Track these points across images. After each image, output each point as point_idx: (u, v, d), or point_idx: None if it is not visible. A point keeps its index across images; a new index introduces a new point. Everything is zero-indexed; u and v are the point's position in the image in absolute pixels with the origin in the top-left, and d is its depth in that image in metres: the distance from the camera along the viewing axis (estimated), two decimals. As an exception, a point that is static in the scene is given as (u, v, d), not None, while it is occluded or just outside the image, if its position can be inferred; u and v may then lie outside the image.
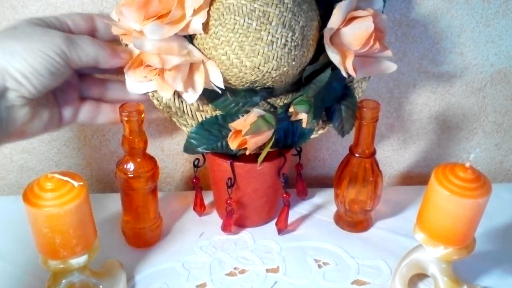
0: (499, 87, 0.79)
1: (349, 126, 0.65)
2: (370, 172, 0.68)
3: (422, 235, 0.57)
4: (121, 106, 0.59)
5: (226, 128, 0.62)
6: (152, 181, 0.64)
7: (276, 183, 0.68)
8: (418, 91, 0.78)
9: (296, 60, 0.56)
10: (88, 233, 0.54)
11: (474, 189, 0.52)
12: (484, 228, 0.60)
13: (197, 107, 0.63)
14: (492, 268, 0.66)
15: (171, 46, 0.54)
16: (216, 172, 0.69)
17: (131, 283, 0.62)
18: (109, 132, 0.78)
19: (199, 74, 0.57)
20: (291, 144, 0.66)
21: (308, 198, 0.79)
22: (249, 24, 0.53)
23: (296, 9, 0.54)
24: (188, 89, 0.57)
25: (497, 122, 0.83)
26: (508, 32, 0.74)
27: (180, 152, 0.81)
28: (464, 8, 0.71)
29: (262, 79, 0.56)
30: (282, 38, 0.54)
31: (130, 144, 0.61)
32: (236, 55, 0.54)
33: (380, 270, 0.66)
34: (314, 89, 0.59)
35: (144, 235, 0.67)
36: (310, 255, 0.68)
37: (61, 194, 0.50)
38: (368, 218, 0.73)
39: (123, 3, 0.53)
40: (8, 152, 0.79)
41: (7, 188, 0.83)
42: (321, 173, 0.86)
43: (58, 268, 0.54)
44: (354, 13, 0.56)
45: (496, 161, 0.88)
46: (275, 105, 0.63)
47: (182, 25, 0.53)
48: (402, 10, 0.71)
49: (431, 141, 0.84)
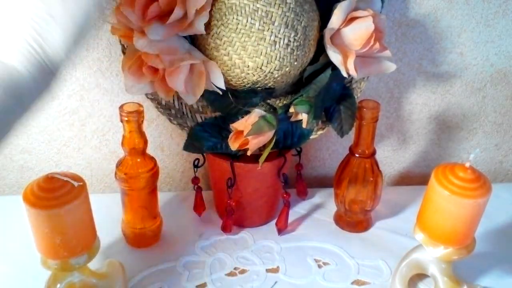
0: (499, 87, 0.79)
1: (348, 126, 0.65)
2: (370, 172, 0.68)
3: (422, 235, 0.57)
4: (121, 106, 0.59)
5: (226, 129, 0.62)
6: (152, 181, 0.64)
7: (276, 183, 0.68)
8: (418, 91, 0.78)
9: (298, 60, 0.56)
10: (88, 233, 0.54)
11: (474, 189, 0.52)
12: (484, 228, 0.61)
13: (196, 108, 0.63)
14: (492, 268, 0.66)
15: (172, 47, 0.54)
16: (216, 172, 0.69)
17: (131, 283, 0.62)
18: (109, 132, 0.78)
19: (200, 75, 0.57)
20: (290, 145, 0.66)
21: (308, 198, 0.79)
22: (251, 24, 0.53)
23: (298, 9, 0.54)
24: (188, 90, 0.57)
25: (497, 122, 0.83)
26: (508, 32, 0.74)
27: (180, 152, 0.81)
28: (464, 8, 0.71)
29: (264, 80, 0.56)
30: (284, 38, 0.54)
31: (130, 144, 0.61)
32: (238, 55, 0.54)
33: (380, 270, 0.66)
34: (314, 89, 0.60)
35: (144, 235, 0.67)
36: (310, 255, 0.68)
37: (61, 194, 0.50)
38: (368, 218, 0.73)
39: (123, 4, 0.53)
40: (8, 152, 0.79)
41: (7, 188, 0.83)
42: (321, 173, 0.86)
43: (58, 268, 0.54)
44: (354, 14, 0.56)
45: (496, 161, 0.88)
46: (275, 106, 0.63)
47: (183, 26, 0.53)
48: (402, 10, 0.71)
49: (431, 141, 0.84)
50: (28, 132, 0.77)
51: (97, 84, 0.73)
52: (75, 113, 0.75)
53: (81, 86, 0.73)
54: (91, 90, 0.74)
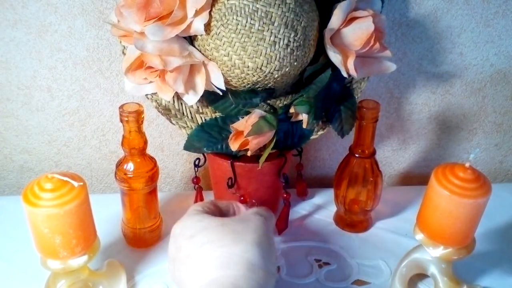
0: (499, 87, 0.79)
1: (348, 126, 0.65)
2: (370, 172, 0.68)
3: (422, 235, 0.57)
4: (121, 106, 0.59)
5: (226, 130, 0.62)
6: (152, 181, 0.64)
7: (276, 183, 0.68)
8: (418, 91, 0.78)
9: (298, 61, 0.56)
10: (88, 233, 0.54)
11: (474, 189, 0.52)
12: (484, 228, 0.61)
13: (196, 109, 0.63)
14: (492, 268, 0.66)
15: (172, 48, 0.54)
16: (217, 172, 0.69)
17: (131, 283, 0.62)
18: (109, 132, 0.78)
19: (200, 75, 0.57)
20: (291, 145, 0.65)
21: (308, 198, 0.79)
22: (251, 25, 0.53)
23: (298, 9, 0.54)
24: (188, 91, 0.57)
25: (497, 122, 0.83)
26: (508, 32, 0.74)
27: (180, 152, 0.81)
28: (464, 8, 0.71)
29: (264, 80, 0.56)
30: (284, 38, 0.53)
31: (130, 144, 0.61)
32: (238, 56, 0.54)
33: (380, 270, 0.66)
34: (314, 89, 0.59)
35: (144, 235, 0.67)
36: (310, 255, 0.68)
37: (61, 194, 0.50)
38: (368, 218, 0.73)
39: (122, 4, 0.53)
40: (8, 153, 0.79)
41: (7, 188, 0.83)
42: (321, 173, 0.86)
43: (58, 268, 0.54)
44: (354, 14, 0.56)
45: (496, 161, 0.88)
46: (275, 106, 0.63)
47: (183, 26, 0.53)
48: (402, 10, 0.71)
49: (431, 141, 0.84)
50: (28, 132, 0.77)
51: (97, 84, 0.73)
52: (75, 113, 0.75)
53: (81, 86, 0.73)
54: (91, 90, 0.74)
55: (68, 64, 0.71)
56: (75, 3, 0.67)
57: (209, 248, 0.42)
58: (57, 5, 0.67)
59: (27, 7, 0.66)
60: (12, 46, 0.69)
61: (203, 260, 0.42)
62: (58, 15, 0.67)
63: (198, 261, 0.42)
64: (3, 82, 0.72)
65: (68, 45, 0.70)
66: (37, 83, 0.72)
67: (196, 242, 0.43)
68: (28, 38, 0.69)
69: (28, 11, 0.67)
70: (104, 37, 0.69)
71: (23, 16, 0.67)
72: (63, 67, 0.71)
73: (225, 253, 0.41)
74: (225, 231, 0.43)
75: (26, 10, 0.67)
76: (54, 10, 0.67)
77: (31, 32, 0.68)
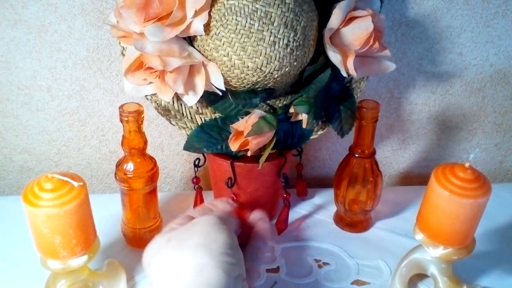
0: (498, 87, 0.79)
1: (348, 126, 0.65)
2: (370, 172, 0.68)
3: (422, 235, 0.57)
4: (121, 106, 0.59)
5: (226, 130, 0.62)
6: (152, 181, 0.64)
7: (276, 183, 0.68)
8: (418, 91, 0.78)
9: (298, 61, 0.56)
10: (88, 233, 0.54)
11: (474, 189, 0.52)
12: (484, 228, 0.61)
13: (196, 109, 0.63)
14: (492, 268, 0.66)
15: (172, 48, 0.54)
16: (217, 172, 0.69)
17: (131, 283, 0.62)
18: (109, 132, 0.78)
19: (199, 76, 0.57)
20: (291, 145, 0.65)
21: (308, 198, 0.79)
22: (251, 25, 0.53)
23: (298, 9, 0.54)
24: (188, 92, 0.57)
25: (497, 122, 0.83)
26: (507, 32, 0.74)
27: (180, 152, 0.81)
28: (464, 8, 0.71)
29: (263, 80, 0.56)
30: (284, 38, 0.53)
31: (130, 144, 0.61)
32: (238, 56, 0.54)
33: (380, 270, 0.66)
34: (314, 89, 0.59)
35: (144, 235, 0.67)
36: (310, 255, 0.68)
37: (61, 194, 0.50)
38: (368, 218, 0.73)
39: (122, 5, 0.53)
40: (8, 153, 0.79)
41: (7, 188, 0.83)
42: (321, 173, 0.86)
43: (58, 268, 0.54)
44: (354, 13, 0.56)
45: (496, 161, 0.88)
46: (275, 106, 0.63)
47: (183, 27, 0.53)
48: (401, 10, 0.71)
49: (431, 141, 0.84)
50: (28, 132, 0.77)
51: (97, 84, 0.73)
52: (75, 113, 0.76)
53: (81, 86, 0.73)
54: (91, 90, 0.74)
55: (68, 64, 0.71)
56: (75, 3, 0.67)
57: (159, 269, 0.44)
58: (57, 5, 0.67)
59: (27, 7, 0.66)
60: (12, 46, 0.69)
61: (156, 283, 0.43)
62: (58, 15, 0.67)
63: (154, 286, 0.44)
64: (3, 82, 0.72)
65: (68, 45, 0.70)
66: (37, 83, 0.72)
67: (152, 269, 0.44)
68: (28, 38, 0.69)
69: (28, 11, 0.67)
70: (104, 37, 0.69)
71: (23, 16, 0.67)
72: (63, 67, 0.71)
73: (171, 266, 0.42)
74: (170, 246, 0.44)
75: (26, 10, 0.67)
76: (54, 10, 0.67)
77: (31, 32, 0.68)
